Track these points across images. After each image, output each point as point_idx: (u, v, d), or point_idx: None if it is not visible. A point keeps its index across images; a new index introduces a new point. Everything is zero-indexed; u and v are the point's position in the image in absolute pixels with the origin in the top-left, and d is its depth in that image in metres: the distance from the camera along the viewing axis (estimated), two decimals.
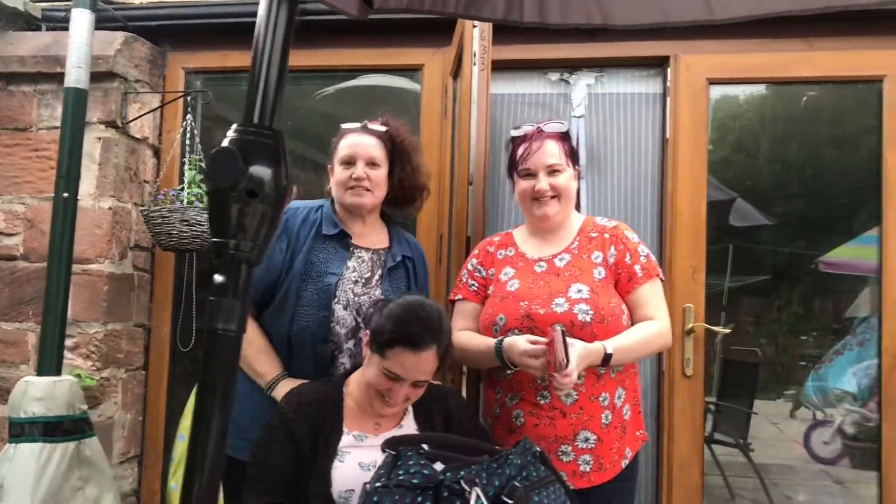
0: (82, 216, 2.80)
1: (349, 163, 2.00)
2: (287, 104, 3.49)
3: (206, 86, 3.10)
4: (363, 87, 3.23)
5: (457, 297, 2.07)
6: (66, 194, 2.40)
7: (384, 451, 1.45)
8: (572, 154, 2.03)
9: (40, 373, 2.36)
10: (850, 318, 4.02)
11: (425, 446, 1.51)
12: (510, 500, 1.30)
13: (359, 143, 2.02)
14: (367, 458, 1.64)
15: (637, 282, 1.90)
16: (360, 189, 1.99)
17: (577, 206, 2.14)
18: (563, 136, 2.02)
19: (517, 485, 1.34)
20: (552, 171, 1.96)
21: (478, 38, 2.41)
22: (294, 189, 0.97)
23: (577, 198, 2.08)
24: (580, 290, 1.85)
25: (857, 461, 3.52)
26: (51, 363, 2.36)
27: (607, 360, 1.76)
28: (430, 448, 1.51)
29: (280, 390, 1.86)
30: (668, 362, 2.77)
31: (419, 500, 1.30)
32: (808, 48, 2.82)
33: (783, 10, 1.23)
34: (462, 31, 2.56)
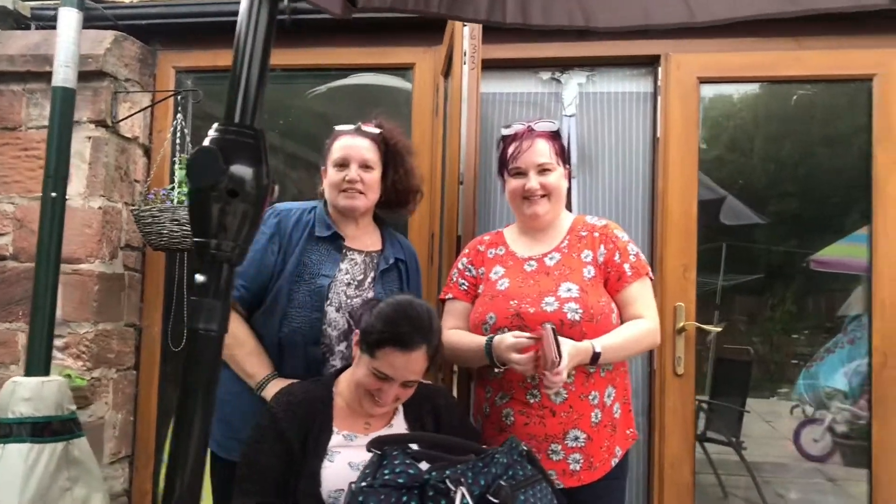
0: (72, 216, 2.79)
1: (342, 165, 2.00)
2: (278, 103, 3.50)
3: (197, 85, 3.09)
4: (355, 85, 3.23)
5: (447, 297, 2.06)
6: (53, 194, 2.40)
7: (369, 450, 1.45)
8: (563, 153, 2.03)
9: (28, 373, 2.35)
10: (843, 316, 4.03)
11: (414, 446, 1.51)
12: (496, 500, 1.30)
13: (352, 145, 2.01)
14: (356, 458, 1.63)
15: (626, 280, 1.90)
16: (354, 192, 1.98)
17: (569, 206, 2.13)
18: (554, 136, 2.02)
19: (503, 484, 1.34)
20: (542, 170, 1.95)
21: (468, 37, 2.40)
22: (276, 188, 0.97)
23: (567, 197, 2.07)
24: (570, 289, 1.85)
25: (848, 459, 3.54)
26: (39, 363, 2.36)
27: (596, 359, 1.76)
28: (420, 447, 1.51)
29: (270, 390, 1.85)
30: (659, 361, 2.77)
31: (404, 499, 1.30)
32: (798, 47, 2.83)
33: (761, 14, 1.25)
34: (452, 30, 2.55)
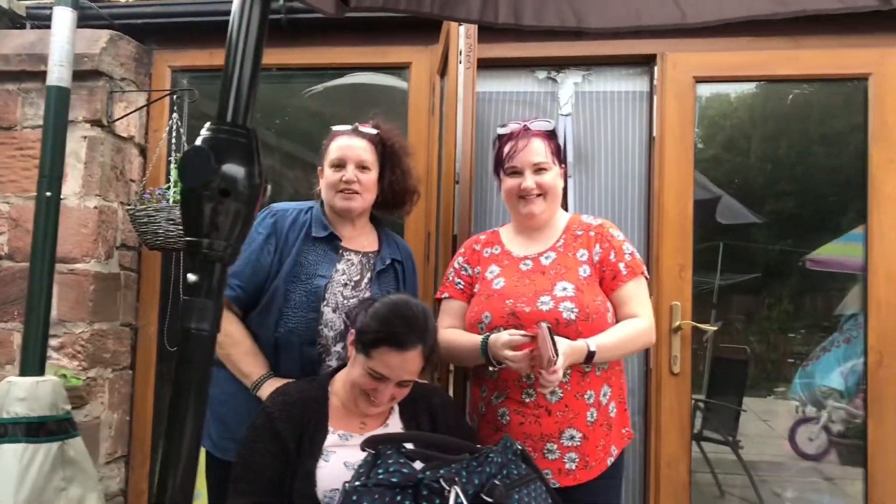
0: (68, 215, 2.79)
1: (339, 165, 2.00)
2: (275, 102, 3.50)
3: (193, 84, 3.09)
4: (351, 85, 3.22)
5: (443, 296, 2.06)
6: (48, 193, 2.40)
7: (363, 449, 1.45)
8: (558, 152, 2.03)
9: (23, 373, 2.35)
10: (839, 315, 4.03)
11: (409, 445, 1.51)
12: (490, 499, 1.30)
13: (349, 145, 2.01)
14: (352, 458, 1.63)
15: (621, 279, 1.90)
16: (350, 193, 1.98)
17: (564, 205, 2.13)
18: (550, 135, 2.02)
19: (497, 483, 1.34)
20: (538, 170, 1.96)
21: (464, 36, 2.40)
22: (268, 188, 0.96)
23: (563, 196, 2.07)
24: (565, 288, 1.85)
25: (844, 458, 3.53)
26: (34, 363, 2.35)
27: (591, 358, 1.76)
28: (414, 447, 1.51)
29: (265, 390, 1.85)
30: (655, 360, 2.78)
31: (398, 498, 1.30)
32: (794, 46, 2.83)
33: (752, 15, 1.25)
34: (448, 30, 2.55)
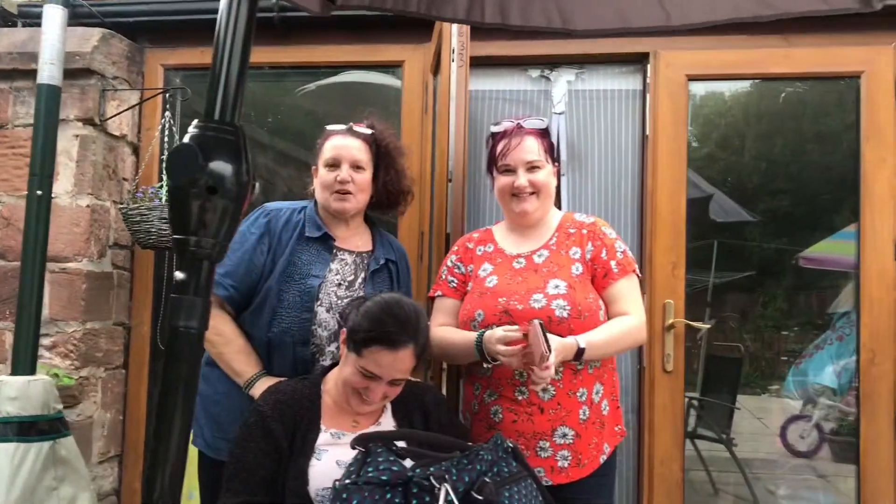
0: (60, 214, 2.78)
1: (334, 165, 1.99)
2: (268, 100, 3.50)
3: (185, 82, 3.08)
4: (344, 83, 3.22)
5: (436, 294, 2.07)
6: (39, 192, 2.39)
7: (354, 447, 1.45)
8: (551, 150, 2.03)
9: (14, 372, 2.34)
10: (832, 313, 4.05)
11: (402, 443, 1.51)
12: (480, 496, 1.30)
13: (344, 145, 2.01)
14: (344, 456, 1.62)
15: (612, 277, 1.90)
16: (345, 194, 1.98)
17: (558, 203, 2.13)
18: (543, 133, 2.02)
19: (487, 481, 1.34)
20: (531, 168, 1.95)
21: (456, 34, 2.39)
22: (256, 185, 0.96)
23: (556, 194, 2.08)
24: (558, 286, 1.86)
25: (837, 455, 3.55)
26: (25, 362, 2.35)
27: (580, 355, 1.76)
28: (407, 445, 1.51)
29: (258, 388, 1.84)
30: (648, 358, 2.78)
31: (388, 496, 1.30)
32: (787, 45, 2.83)
33: (736, 18, 1.26)
34: (441, 28, 2.55)
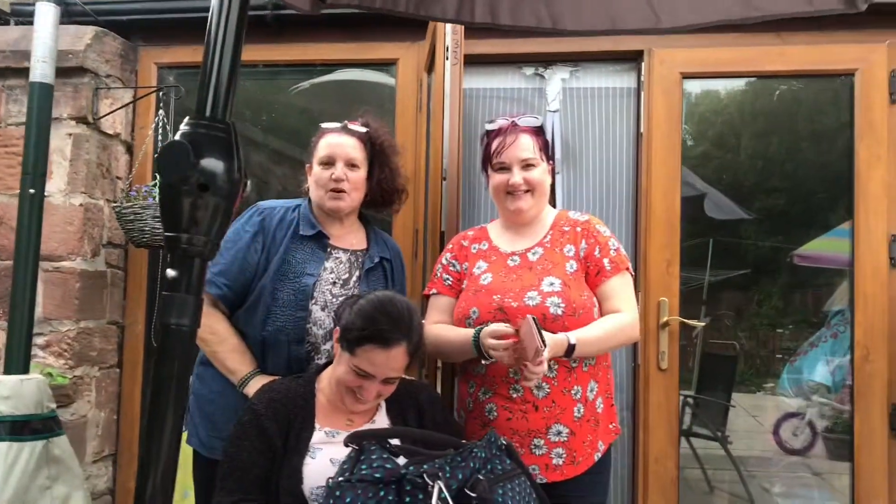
0: (54, 213, 2.77)
1: (328, 163, 1.99)
2: (262, 99, 3.48)
3: (179, 81, 3.07)
4: (338, 81, 3.21)
5: (431, 292, 2.07)
6: (32, 190, 2.38)
7: (347, 445, 1.45)
8: (546, 148, 2.03)
9: (7, 371, 2.34)
10: (828, 311, 4.05)
11: (396, 441, 1.51)
12: (473, 494, 1.30)
13: (338, 143, 2.00)
14: (338, 455, 1.62)
15: (605, 275, 1.90)
16: (339, 192, 1.97)
17: (552, 201, 2.13)
18: (538, 131, 2.02)
19: (480, 478, 1.34)
20: (526, 166, 1.96)
21: (450, 32, 2.39)
22: (248, 182, 0.96)
23: (551, 192, 2.08)
24: (552, 284, 1.86)
25: (831, 452, 3.55)
26: (18, 362, 2.34)
27: (571, 351, 1.75)
28: (401, 443, 1.51)
29: (252, 387, 1.84)
30: (643, 356, 2.78)
31: (382, 494, 1.30)
32: (781, 42, 2.84)
33: (725, 19, 1.26)
34: (435, 26, 2.54)
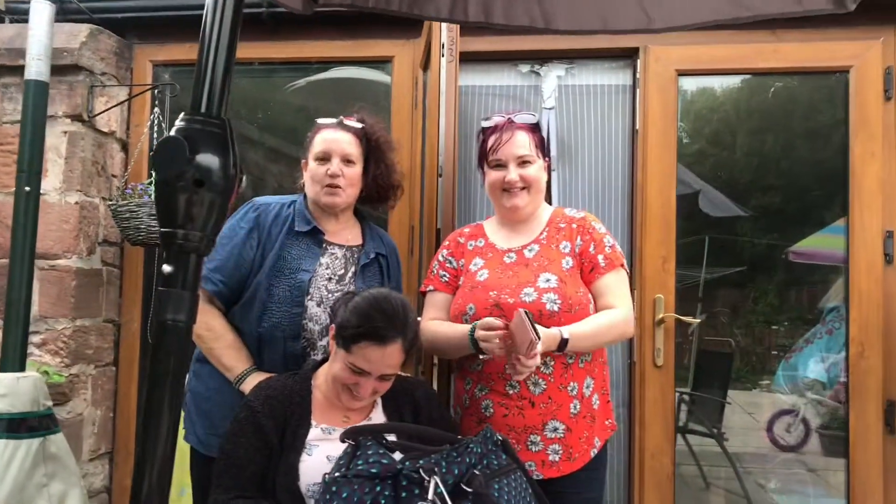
0: (49, 211, 2.77)
1: (324, 158, 1.99)
2: (258, 97, 3.48)
3: (174, 78, 3.07)
4: (334, 79, 3.21)
5: (428, 289, 2.07)
6: (27, 188, 2.38)
7: (343, 441, 1.45)
8: (542, 145, 2.03)
9: (3, 369, 2.33)
10: (824, 307, 4.06)
11: (392, 436, 1.51)
12: (469, 489, 1.30)
13: (334, 138, 2.00)
14: (335, 452, 1.61)
15: (600, 271, 1.91)
16: (335, 188, 1.97)
17: (548, 198, 2.13)
18: (534, 128, 2.02)
19: (477, 473, 1.34)
20: (522, 163, 1.96)
21: (446, 30, 2.39)
22: (243, 178, 0.96)
23: (547, 189, 2.08)
24: (548, 280, 1.86)
25: (827, 448, 3.57)
26: (14, 359, 2.34)
27: (563, 346, 1.75)
28: (397, 438, 1.51)
29: (248, 384, 1.84)
30: (638, 352, 2.79)
31: (378, 489, 1.30)
32: (776, 39, 2.84)
33: (716, 20, 1.27)
34: (430, 23, 2.54)
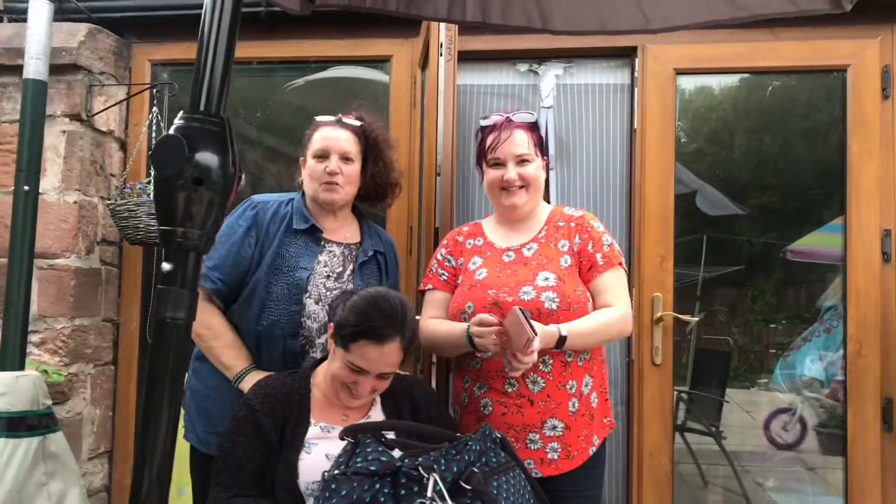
0: (48, 210, 2.77)
1: (322, 156, 1.99)
2: (256, 96, 3.48)
3: (173, 78, 3.07)
4: (332, 78, 3.21)
5: (427, 287, 2.07)
6: (26, 187, 2.38)
7: (342, 438, 1.45)
8: (541, 144, 2.03)
9: (2, 368, 2.33)
10: (821, 306, 4.07)
11: (391, 434, 1.51)
12: (468, 486, 1.31)
13: (333, 136, 2.01)
14: (334, 450, 1.62)
15: (598, 270, 1.91)
16: (333, 185, 1.98)
17: (547, 197, 2.13)
18: (532, 127, 2.02)
19: (475, 471, 1.34)
20: (521, 161, 1.96)
21: (444, 29, 2.39)
22: (242, 176, 0.96)
23: (546, 188, 2.08)
24: (547, 279, 1.86)
25: (825, 447, 3.57)
26: (13, 358, 2.34)
27: (562, 343, 1.76)
28: (396, 436, 1.51)
29: (247, 382, 1.84)
30: (637, 351, 2.79)
31: (377, 486, 1.30)
32: (774, 38, 2.84)
33: (713, 20, 1.28)
34: (429, 22, 2.54)
